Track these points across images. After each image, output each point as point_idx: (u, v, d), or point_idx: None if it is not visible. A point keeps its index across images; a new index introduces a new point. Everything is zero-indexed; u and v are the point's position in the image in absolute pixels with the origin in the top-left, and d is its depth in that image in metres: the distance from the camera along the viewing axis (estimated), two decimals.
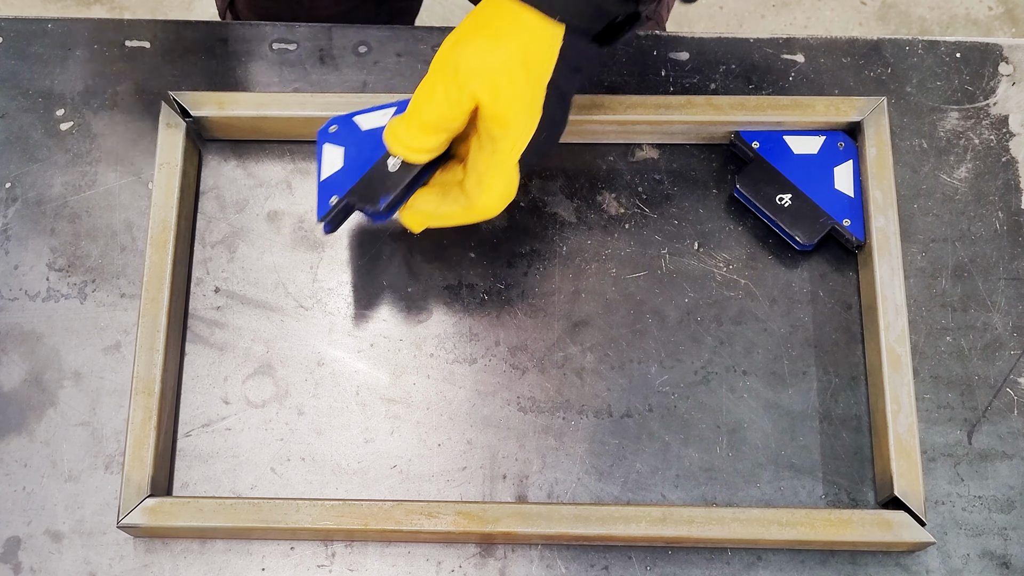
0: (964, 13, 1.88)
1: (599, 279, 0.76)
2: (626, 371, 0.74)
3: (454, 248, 0.77)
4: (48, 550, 0.70)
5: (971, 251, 0.76)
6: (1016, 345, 0.74)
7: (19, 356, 0.74)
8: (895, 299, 0.71)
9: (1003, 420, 0.72)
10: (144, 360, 0.70)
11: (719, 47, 0.82)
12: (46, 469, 0.72)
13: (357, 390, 0.73)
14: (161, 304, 0.72)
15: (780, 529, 0.67)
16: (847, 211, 0.75)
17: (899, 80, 0.81)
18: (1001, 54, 0.82)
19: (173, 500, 0.68)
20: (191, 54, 0.82)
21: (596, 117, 0.76)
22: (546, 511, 0.67)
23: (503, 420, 0.73)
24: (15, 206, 0.78)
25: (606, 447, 0.72)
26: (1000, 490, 0.71)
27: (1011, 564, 0.69)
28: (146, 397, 0.70)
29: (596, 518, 0.67)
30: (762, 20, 1.88)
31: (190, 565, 0.70)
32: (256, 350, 0.74)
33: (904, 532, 0.67)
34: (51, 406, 0.73)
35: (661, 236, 0.77)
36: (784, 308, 0.75)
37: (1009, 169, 0.78)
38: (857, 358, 0.74)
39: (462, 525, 0.67)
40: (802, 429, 0.72)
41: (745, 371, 0.74)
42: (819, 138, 0.77)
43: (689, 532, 0.67)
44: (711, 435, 0.72)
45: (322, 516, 0.67)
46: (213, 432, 0.73)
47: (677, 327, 0.75)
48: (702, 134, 0.78)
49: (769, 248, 0.77)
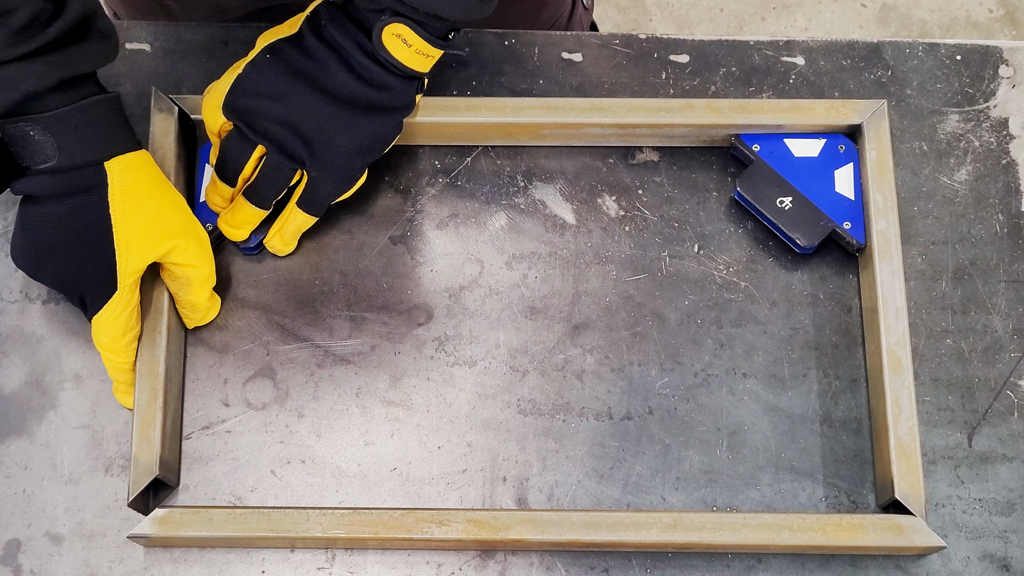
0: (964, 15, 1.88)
1: (599, 282, 0.76)
2: (626, 374, 0.74)
3: (454, 251, 0.77)
4: (48, 553, 0.70)
5: (971, 253, 0.76)
6: (1016, 348, 0.74)
7: (20, 359, 0.74)
8: (895, 302, 0.71)
9: (1003, 422, 0.72)
10: (148, 343, 0.71)
11: (719, 50, 0.82)
12: (46, 472, 0.72)
13: (357, 393, 0.73)
14: (163, 291, 0.72)
15: (791, 534, 0.67)
16: (847, 214, 0.75)
17: (899, 83, 0.81)
18: (1001, 56, 0.82)
19: (183, 510, 0.68)
20: (191, 56, 0.82)
21: (596, 120, 0.76)
22: (556, 518, 0.67)
23: (503, 423, 0.73)
24: (15, 208, 0.78)
25: (606, 449, 0.72)
26: (1000, 492, 0.71)
27: (1011, 566, 0.69)
28: (151, 379, 0.70)
29: (607, 524, 0.67)
30: (762, 23, 1.88)
31: (190, 568, 0.70)
32: (256, 353, 0.74)
33: (915, 537, 0.66)
34: (51, 408, 0.73)
35: (661, 239, 0.77)
36: (784, 311, 0.75)
37: (1009, 171, 0.78)
38: (857, 361, 0.74)
39: (472, 533, 0.67)
40: (802, 432, 0.72)
41: (745, 373, 0.74)
42: (819, 141, 0.77)
43: (700, 538, 0.67)
44: (711, 438, 0.72)
45: (332, 525, 0.67)
46: (213, 435, 0.73)
47: (677, 329, 0.75)
48: (702, 137, 0.78)
49: (769, 251, 0.77)
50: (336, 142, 0.71)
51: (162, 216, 0.69)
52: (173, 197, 0.71)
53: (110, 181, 0.67)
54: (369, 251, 0.77)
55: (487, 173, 0.79)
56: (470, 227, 0.77)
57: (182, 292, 0.72)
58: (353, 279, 0.76)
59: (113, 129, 0.68)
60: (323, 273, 0.76)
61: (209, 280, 0.73)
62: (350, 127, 0.71)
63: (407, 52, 0.69)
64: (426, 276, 0.76)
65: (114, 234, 0.67)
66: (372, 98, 0.71)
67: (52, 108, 0.64)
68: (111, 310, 0.68)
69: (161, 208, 0.69)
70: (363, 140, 0.72)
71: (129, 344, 0.70)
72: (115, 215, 0.67)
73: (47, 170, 0.66)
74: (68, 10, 0.64)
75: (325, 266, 0.76)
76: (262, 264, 0.76)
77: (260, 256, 0.77)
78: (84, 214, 0.66)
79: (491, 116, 0.76)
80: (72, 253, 0.67)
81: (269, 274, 0.76)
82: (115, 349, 0.70)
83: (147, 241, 0.68)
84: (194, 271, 0.71)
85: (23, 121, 0.64)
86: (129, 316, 0.69)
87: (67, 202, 0.66)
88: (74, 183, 0.66)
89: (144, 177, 0.69)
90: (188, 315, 0.74)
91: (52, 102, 0.65)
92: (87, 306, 0.69)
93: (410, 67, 0.70)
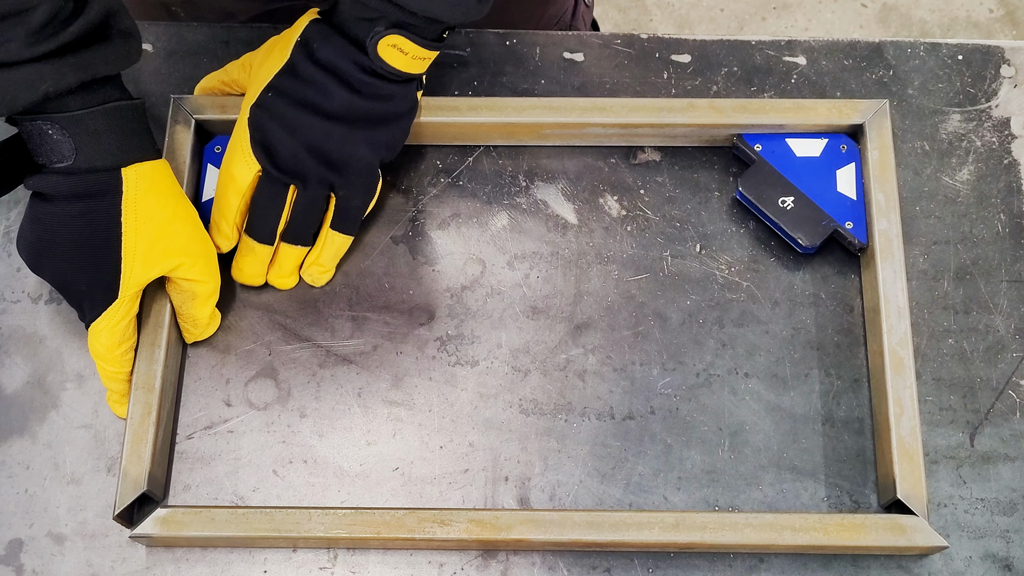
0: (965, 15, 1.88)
1: (601, 281, 0.76)
2: (628, 373, 0.74)
3: (456, 251, 0.77)
4: (50, 552, 0.70)
5: (973, 253, 0.76)
6: (1018, 347, 0.74)
7: (21, 358, 0.74)
8: (897, 302, 0.71)
9: (1005, 422, 0.72)
10: (145, 356, 0.70)
11: (721, 49, 0.82)
12: (48, 471, 0.72)
13: (359, 392, 0.73)
14: (164, 304, 0.72)
15: (793, 534, 0.67)
16: (849, 214, 0.75)
17: (901, 82, 0.81)
18: (1003, 56, 0.82)
19: (185, 510, 0.68)
20: (194, 57, 0.82)
21: (598, 120, 0.76)
22: (558, 518, 0.67)
23: (505, 422, 0.73)
24: (18, 208, 0.78)
25: (608, 449, 0.72)
26: (1003, 492, 0.71)
27: (1014, 566, 0.69)
28: (146, 393, 0.70)
29: (609, 524, 0.67)
30: (763, 23, 1.88)
31: (192, 568, 0.70)
32: (258, 352, 0.74)
33: (918, 537, 0.66)
34: (53, 408, 0.73)
35: (663, 238, 0.77)
36: (786, 310, 0.75)
37: (1011, 171, 0.78)
38: (859, 360, 0.74)
39: (475, 532, 0.67)
40: (804, 431, 0.72)
41: (747, 373, 0.74)
42: (821, 140, 0.77)
43: (702, 538, 0.67)
44: (713, 437, 0.72)
45: (334, 525, 0.67)
46: (215, 434, 0.73)
47: (679, 329, 0.75)
48: (704, 137, 0.78)
49: (771, 251, 0.77)
50: (356, 157, 0.71)
51: (173, 229, 0.69)
52: (186, 211, 0.70)
53: (125, 188, 0.66)
54: (371, 251, 0.77)
55: (489, 173, 0.79)
56: (472, 227, 0.77)
57: (186, 306, 0.72)
58: (355, 279, 0.76)
59: (133, 136, 0.67)
60: None
61: (213, 296, 0.72)
62: (365, 141, 0.71)
63: (404, 59, 0.69)
64: (428, 276, 0.76)
65: (123, 242, 0.67)
66: (378, 110, 0.71)
67: (72, 109, 0.64)
68: (109, 318, 0.68)
69: (173, 221, 0.69)
70: (379, 149, 0.72)
71: (125, 355, 0.70)
72: (126, 223, 0.67)
73: (63, 170, 0.65)
74: (89, 9, 0.63)
75: None
76: None
77: None
78: (95, 218, 0.66)
79: (493, 116, 0.76)
80: (77, 255, 0.67)
81: None
82: (110, 359, 0.69)
83: (154, 253, 0.68)
84: (200, 286, 0.71)
85: (42, 119, 0.64)
86: (127, 327, 0.69)
87: (79, 204, 0.66)
88: (88, 186, 0.66)
89: (159, 188, 0.68)
90: (188, 329, 0.73)
91: (72, 103, 0.64)
92: (85, 311, 0.69)
93: (408, 72, 0.70)
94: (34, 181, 0.66)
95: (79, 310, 0.69)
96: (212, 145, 0.77)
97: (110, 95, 0.66)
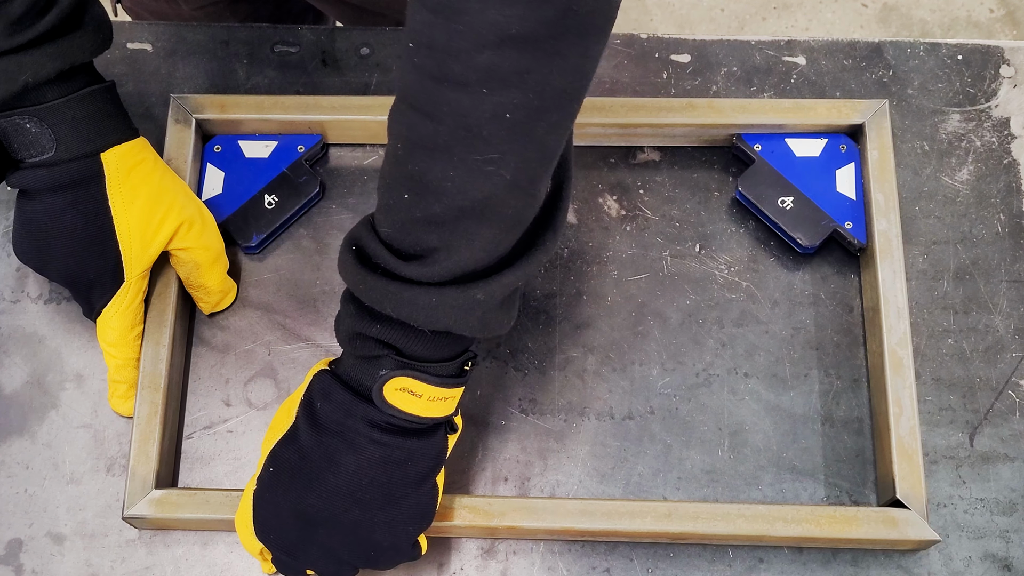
0: (965, 15, 1.88)
1: (601, 281, 0.76)
2: (628, 373, 0.74)
3: None
4: (50, 552, 0.70)
5: (973, 253, 0.76)
6: (1018, 347, 0.74)
7: (21, 358, 0.74)
8: (897, 301, 0.71)
9: (1005, 422, 0.72)
10: (151, 355, 0.71)
11: (720, 49, 0.82)
12: (48, 471, 0.72)
13: None
14: (168, 301, 0.72)
15: (785, 526, 0.67)
16: (849, 214, 0.75)
17: (901, 82, 0.81)
18: (1003, 56, 0.82)
19: (179, 492, 0.68)
20: (193, 56, 0.82)
21: (597, 120, 0.76)
22: (552, 505, 0.67)
23: (505, 422, 0.73)
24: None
25: (608, 449, 0.72)
26: (1002, 492, 0.71)
27: (1013, 566, 0.69)
28: (152, 392, 0.70)
29: (601, 513, 0.67)
30: (763, 22, 1.88)
31: (192, 567, 0.70)
32: (258, 352, 0.74)
33: (909, 529, 0.66)
34: (53, 408, 0.73)
35: (663, 238, 0.77)
36: (786, 310, 0.75)
37: (1011, 171, 0.78)
38: (859, 360, 0.74)
39: (468, 519, 0.67)
40: (804, 431, 0.72)
41: (747, 373, 0.74)
42: (821, 140, 0.77)
43: (694, 528, 0.67)
44: (713, 437, 0.72)
45: None
46: (215, 434, 0.73)
47: (679, 329, 0.75)
48: (704, 137, 0.78)
49: (771, 250, 0.77)
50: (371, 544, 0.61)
51: (162, 202, 0.68)
52: (172, 182, 0.70)
53: (106, 172, 0.66)
54: None
55: None
56: None
57: (192, 276, 0.71)
58: None
59: (109, 119, 0.66)
60: (324, 273, 0.76)
61: (219, 261, 0.72)
62: (383, 524, 0.60)
63: (419, 404, 0.58)
64: None
65: (116, 226, 0.66)
66: (395, 477, 0.59)
67: (50, 99, 0.63)
68: (119, 302, 0.68)
69: (161, 195, 0.68)
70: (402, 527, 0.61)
71: (136, 340, 0.70)
72: (114, 207, 0.66)
73: (42, 163, 0.64)
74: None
75: (326, 266, 0.76)
76: (264, 264, 0.77)
77: (262, 256, 0.77)
78: (84, 207, 0.66)
79: None
80: (78, 247, 0.66)
81: (271, 274, 0.76)
82: (122, 344, 0.69)
83: (149, 229, 0.67)
84: (201, 253, 0.70)
85: (18, 114, 0.63)
86: (137, 310, 0.69)
87: (65, 195, 0.65)
88: (70, 176, 0.65)
89: (141, 166, 0.68)
90: (202, 299, 0.73)
91: (50, 93, 0.63)
92: (94, 301, 0.69)
93: (428, 417, 0.59)
94: (16, 178, 0.65)
95: (86, 303, 0.69)
96: (212, 145, 0.77)
97: (84, 81, 0.66)
